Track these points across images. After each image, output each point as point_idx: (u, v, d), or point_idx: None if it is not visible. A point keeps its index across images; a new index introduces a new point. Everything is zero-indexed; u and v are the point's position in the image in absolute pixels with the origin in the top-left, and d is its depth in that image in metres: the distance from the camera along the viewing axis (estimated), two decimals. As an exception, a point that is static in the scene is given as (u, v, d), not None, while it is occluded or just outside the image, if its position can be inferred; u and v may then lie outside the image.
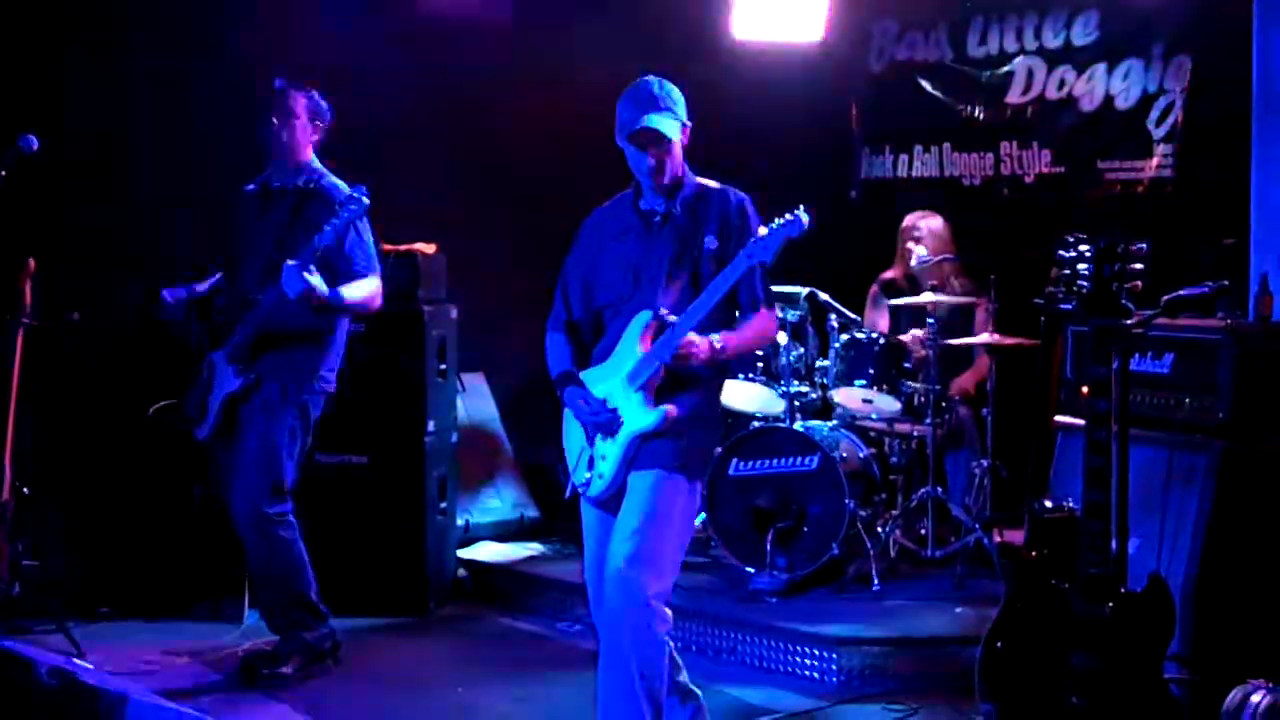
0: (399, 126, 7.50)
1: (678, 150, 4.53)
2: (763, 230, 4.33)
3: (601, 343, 4.64)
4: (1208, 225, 6.74)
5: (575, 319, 4.70)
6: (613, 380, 4.51)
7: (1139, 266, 4.10)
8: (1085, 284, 4.12)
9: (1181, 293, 4.65)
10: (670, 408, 4.42)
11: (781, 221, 4.31)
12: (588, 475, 4.56)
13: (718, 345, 4.41)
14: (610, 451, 4.49)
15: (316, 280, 5.25)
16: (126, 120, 6.92)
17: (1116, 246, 4.10)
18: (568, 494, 4.70)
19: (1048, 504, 4.43)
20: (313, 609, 5.70)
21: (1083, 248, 4.14)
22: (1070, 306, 4.18)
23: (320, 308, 5.39)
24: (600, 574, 4.49)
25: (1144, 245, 4.08)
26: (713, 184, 4.62)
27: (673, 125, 4.47)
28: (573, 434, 4.66)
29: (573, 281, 4.71)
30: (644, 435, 4.43)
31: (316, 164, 5.73)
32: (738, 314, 4.56)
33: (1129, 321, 4.11)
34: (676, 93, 4.53)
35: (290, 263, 5.22)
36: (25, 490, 5.99)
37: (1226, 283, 4.82)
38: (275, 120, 5.62)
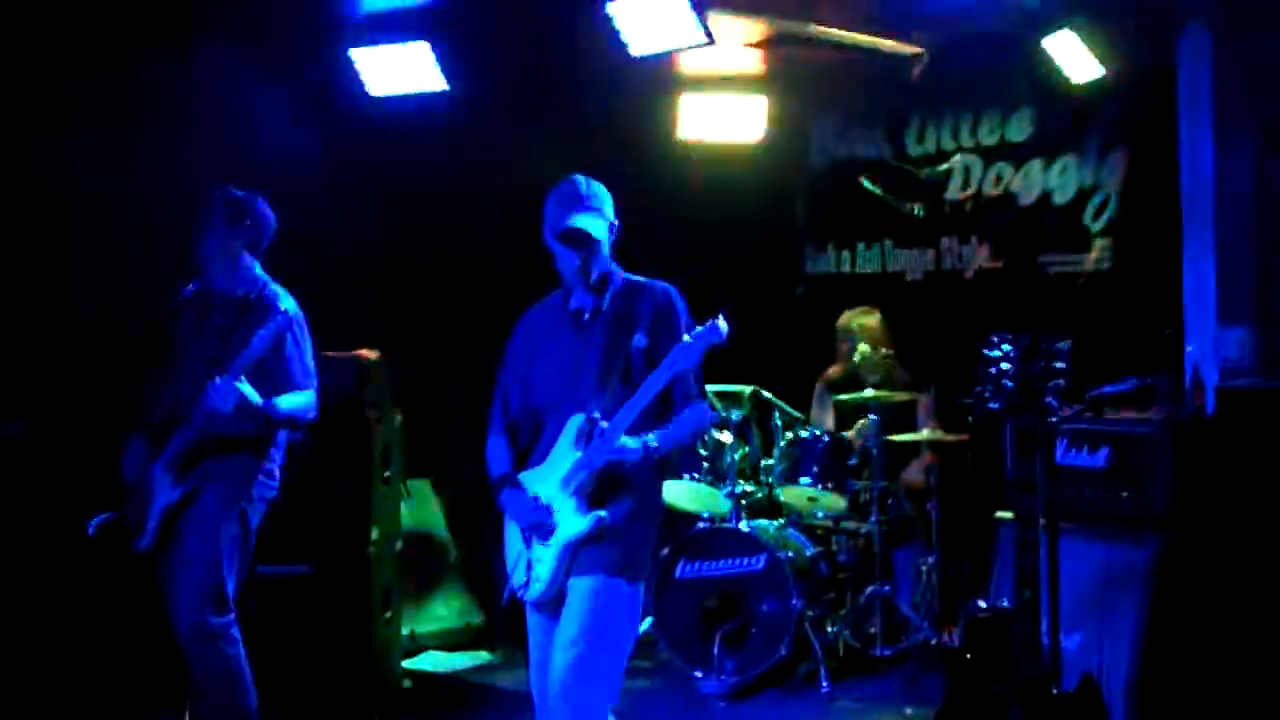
0: (342, 231, 7.50)
1: (605, 249, 4.54)
2: (686, 338, 4.35)
3: (539, 444, 4.62)
4: (1146, 316, 6.81)
5: (513, 420, 4.69)
6: (548, 483, 4.50)
7: (1061, 365, 4.12)
8: (1009, 383, 4.14)
9: (1105, 389, 4.68)
10: (602, 514, 4.40)
11: (701, 329, 4.33)
12: (525, 579, 4.54)
13: (652, 445, 4.40)
14: (546, 555, 4.47)
15: (248, 390, 5.22)
16: (66, 223, 6.91)
17: (1039, 345, 4.12)
18: (504, 598, 4.67)
19: (982, 604, 4.42)
20: None
21: (1006, 347, 4.17)
22: (997, 406, 4.20)
23: (256, 417, 5.36)
24: (545, 680, 4.45)
25: (1065, 344, 4.11)
26: (640, 279, 4.64)
27: (599, 225, 4.49)
28: (511, 537, 4.64)
29: (509, 383, 4.71)
30: (579, 541, 4.41)
31: (257, 272, 5.69)
32: (672, 408, 4.57)
33: (1052, 420, 4.12)
34: (604, 192, 4.55)
35: (217, 380, 5.19)
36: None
37: (1150, 379, 4.85)
38: (215, 228, 5.59)
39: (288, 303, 5.42)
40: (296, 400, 5.46)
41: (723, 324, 4.31)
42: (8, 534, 6.65)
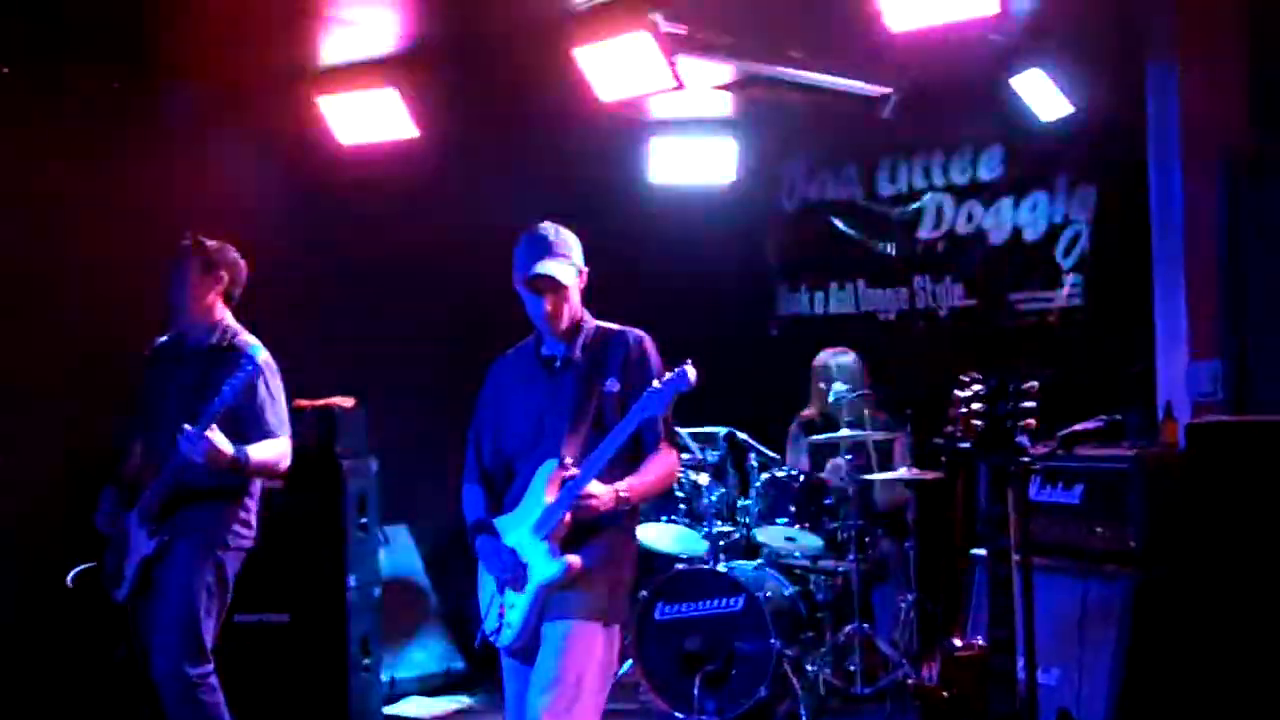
0: (313, 279, 7.51)
1: (574, 295, 4.56)
2: (656, 383, 4.37)
3: (511, 490, 4.63)
4: (1118, 352, 6.87)
5: (487, 468, 4.71)
6: (521, 529, 4.50)
7: (1031, 404, 4.14)
8: (980, 423, 4.17)
9: (1076, 428, 4.70)
10: (574, 559, 4.41)
11: (670, 376, 4.36)
12: (497, 624, 4.53)
13: (623, 493, 4.42)
14: (519, 601, 4.47)
15: (219, 440, 5.21)
16: (35, 270, 6.90)
17: (1009, 385, 4.15)
18: (477, 643, 4.67)
19: (957, 641, 4.42)
20: None
21: (976, 387, 4.19)
22: (968, 445, 4.21)
23: (229, 467, 5.34)
24: (521, 725, 4.45)
25: (1035, 383, 4.13)
26: (612, 326, 4.66)
27: (568, 271, 4.51)
28: (485, 582, 4.64)
29: (483, 431, 4.73)
30: (550, 586, 4.41)
31: (229, 321, 5.68)
32: (644, 454, 4.57)
33: (1024, 459, 4.14)
34: (573, 239, 4.58)
35: (187, 428, 5.18)
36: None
37: (1120, 416, 4.88)
38: (186, 279, 5.58)
39: (259, 351, 5.41)
40: (269, 449, 5.44)
41: (691, 371, 4.34)
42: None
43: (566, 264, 4.51)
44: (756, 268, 8.88)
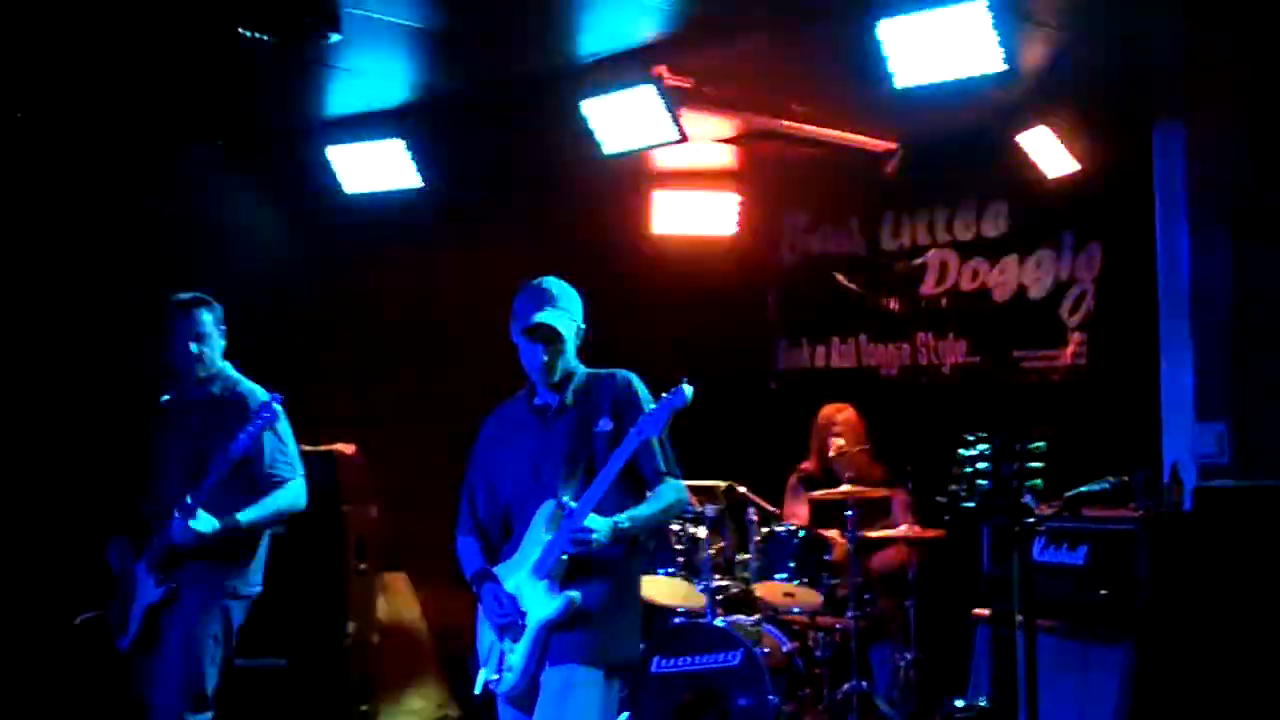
0: (317, 327, 7.53)
1: (570, 350, 4.58)
2: (650, 404, 4.40)
3: (510, 540, 4.61)
4: (1122, 412, 6.83)
5: (481, 519, 4.70)
6: (520, 572, 4.49)
7: (1037, 464, 4.13)
8: (985, 482, 4.14)
9: (1082, 489, 4.68)
10: (575, 594, 4.38)
11: (667, 395, 4.36)
12: (497, 673, 4.50)
13: (623, 525, 4.39)
14: (519, 645, 4.45)
15: (202, 524, 5.23)
16: (54, 321, 6.92)
17: (1014, 445, 4.13)
18: (477, 690, 4.63)
19: (959, 703, 4.39)
20: None
21: (981, 447, 4.17)
22: (972, 505, 4.19)
23: (225, 538, 5.35)
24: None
25: (1041, 443, 4.11)
26: (600, 370, 4.67)
27: (567, 324, 4.53)
28: (485, 630, 4.61)
29: (477, 485, 4.73)
30: (551, 625, 4.38)
31: (229, 370, 5.70)
32: (646, 487, 4.55)
33: (1029, 520, 4.12)
34: (575, 296, 4.60)
35: (178, 512, 5.20)
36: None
37: (1126, 477, 4.86)
38: (186, 336, 5.58)
39: (264, 397, 5.42)
40: (275, 502, 5.46)
41: (688, 388, 4.35)
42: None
43: (566, 317, 4.54)
44: (757, 321, 8.87)
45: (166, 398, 5.76)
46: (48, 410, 6.82)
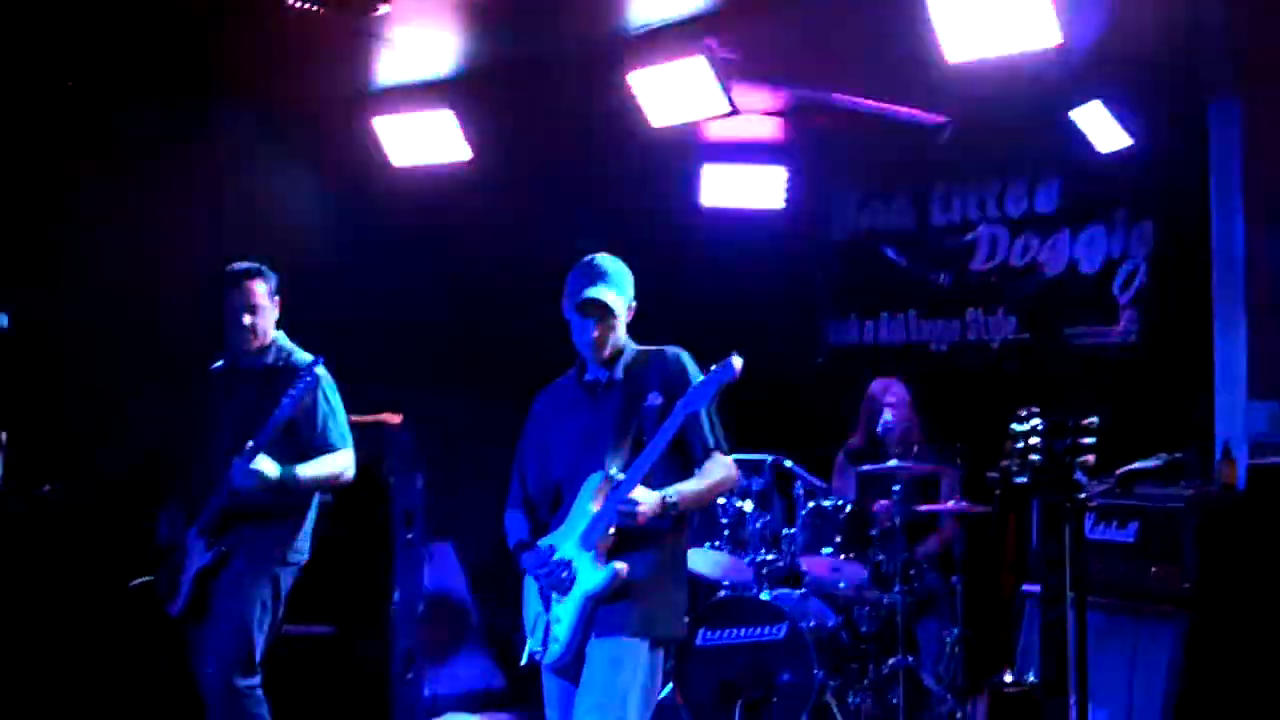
0: (365, 299, 7.55)
1: (620, 326, 4.60)
2: (699, 377, 4.40)
3: (558, 514, 4.63)
4: (1173, 390, 6.78)
5: (530, 495, 4.73)
6: (567, 543, 4.51)
7: (1090, 440, 4.09)
8: (1038, 458, 4.11)
9: (1134, 466, 4.65)
10: (621, 565, 4.39)
11: (715, 368, 4.37)
12: (542, 645, 4.53)
13: (671, 499, 4.40)
14: (565, 614, 4.46)
15: (265, 465, 5.26)
16: (103, 292, 6.96)
17: (1067, 421, 4.09)
18: (524, 661, 4.66)
19: (1007, 678, 4.37)
20: None
21: (1034, 422, 4.13)
22: (1024, 480, 4.16)
23: (279, 490, 5.39)
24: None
25: (1095, 419, 4.07)
26: (650, 347, 4.68)
27: (618, 300, 4.55)
28: (530, 601, 4.64)
29: (527, 462, 4.76)
30: (597, 596, 4.39)
31: (283, 340, 5.74)
32: (694, 463, 4.55)
33: (1081, 496, 4.09)
34: (627, 273, 4.62)
35: (236, 461, 5.23)
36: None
37: (1179, 454, 4.82)
38: (240, 306, 5.62)
39: (318, 365, 5.46)
40: (326, 465, 5.51)
41: (737, 361, 4.36)
42: (37, 596, 6.66)
43: (618, 293, 4.56)
44: (805, 295, 8.84)
45: (218, 365, 5.80)
46: (99, 378, 6.87)
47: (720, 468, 4.54)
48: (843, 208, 8.70)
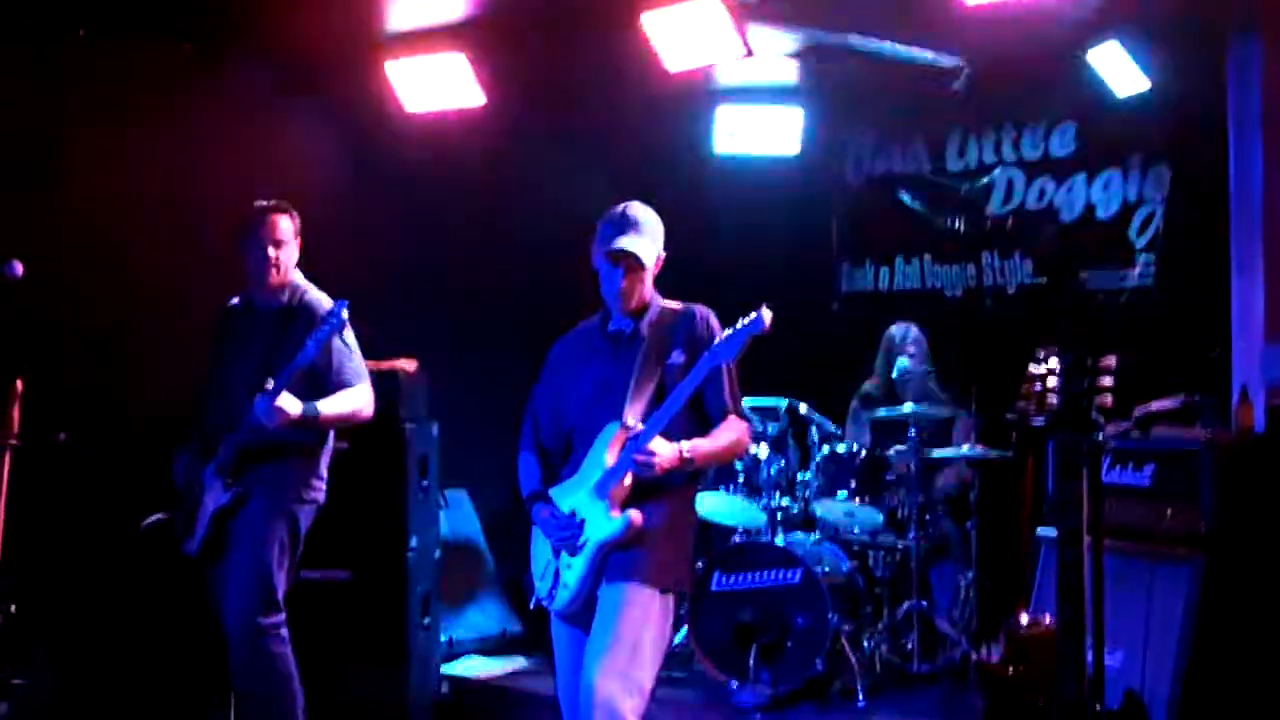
0: (378, 245, 7.53)
1: (648, 277, 4.58)
2: (726, 331, 4.37)
3: (570, 461, 4.64)
4: (1190, 334, 6.77)
5: (543, 439, 4.74)
6: (579, 493, 4.51)
7: (1108, 381, 4.08)
8: (1055, 399, 4.10)
9: (1152, 406, 4.64)
10: (635, 515, 4.40)
11: (744, 322, 4.35)
12: (550, 587, 4.55)
13: (686, 453, 4.39)
14: (576, 562, 4.48)
15: (289, 403, 5.28)
16: (116, 239, 6.95)
17: (1085, 361, 4.08)
18: (532, 605, 4.69)
19: (1023, 620, 4.37)
20: None
21: (1052, 362, 4.13)
22: (1041, 422, 4.16)
23: (302, 425, 5.41)
24: (573, 691, 4.45)
25: (1113, 360, 4.06)
26: (676, 304, 4.66)
27: (648, 249, 4.53)
28: (540, 546, 4.66)
29: (541, 407, 4.76)
30: (609, 544, 4.41)
31: (300, 281, 5.76)
32: (710, 423, 4.54)
33: (1099, 437, 4.08)
34: (658, 223, 4.59)
35: (261, 394, 5.25)
36: (12, 609, 5.95)
37: (1198, 396, 4.80)
38: (261, 243, 5.64)
39: (330, 303, 5.47)
40: (346, 400, 5.55)
41: (767, 314, 4.33)
42: (54, 538, 6.69)
43: (648, 244, 4.54)
44: (820, 241, 8.81)
45: (234, 303, 5.81)
46: (115, 320, 6.88)
47: (735, 430, 4.54)
48: (858, 152, 8.66)
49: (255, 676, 5.56)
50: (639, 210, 4.57)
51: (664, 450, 4.35)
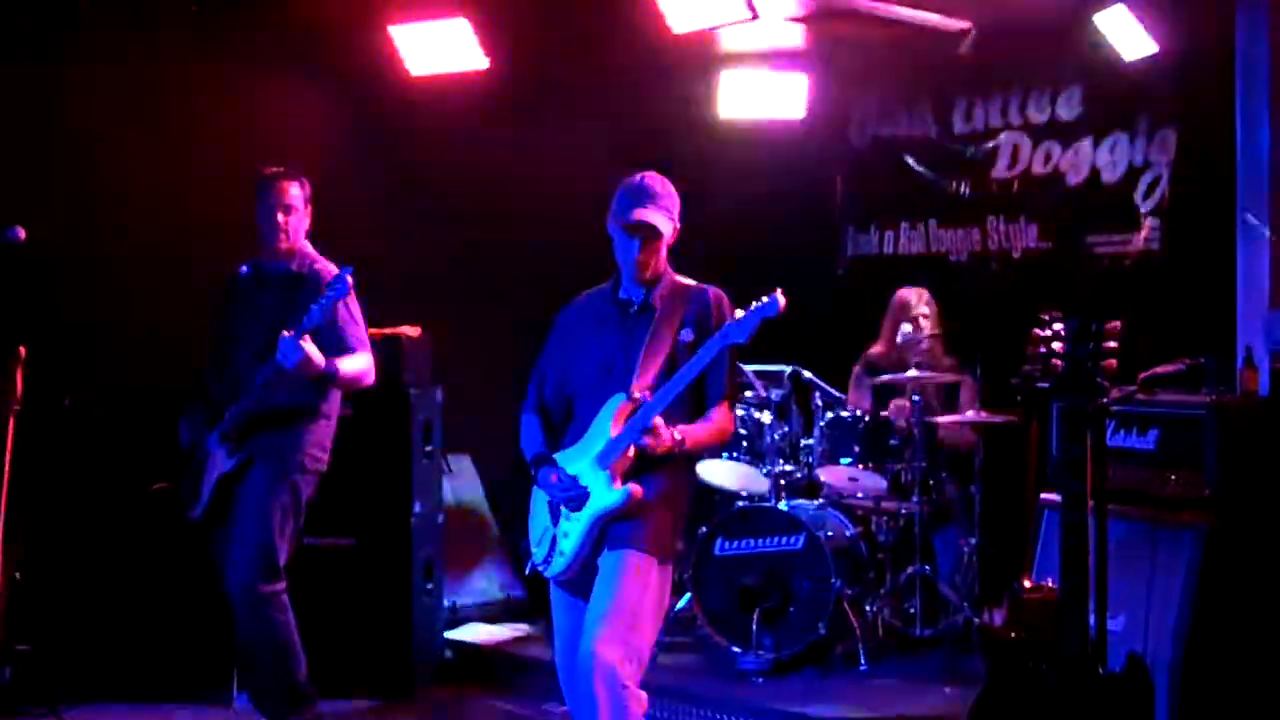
0: (382, 210, 7.53)
1: (664, 249, 4.59)
2: (740, 312, 4.38)
3: (572, 428, 4.65)
4: (1195, 298, 6.75)
5: (547, 402, 4.74)
6: (582, 461, 4.52)
7: (1113, 345, 4.07)
8: (1060, 363, 4.09)
9: (1157, 370, 4.62)
10: (636, 487, 4.42)
11: (757, 304, 4.36)
12: (547, 554, 4.57)
13: (678, 438, 4.42)
14: (573, 530, 4.50)
15: (313, 349, 5.29)
16: (117, 205, 6.95)
17: (1091, 325, 4.07)
18: (527, 571, 4.71)
19: (1026, 584, 4.38)
20: (300, 692, 5.64)
21: (1057, 326, 4.12)
22: (1046, 386, 4.15)
23: (318, 378, 5.42)
24: (571, 657, 4.48)
25: (1118, 324, 4.05)
26: (690, 281, 4.67)
27: (666, 222, 4.53)
28: (538, 513, 4.67)
29: (548, 371, 4.76)
30: (609, 515, 4.43)
31: (309, 248, 5.77)
32: (705, 406, 4.56)
33: (1104, 400, 4.07)
34: (675, 194, 4.59)
35: (286, 334, 5.24)
36: (17, 575, 5.97)
37: (1202, 359, 4.79)
38: (270, 209, 5.64)
39: (345, 274, 5.47)
40: (356, 362, 5.56)
41: (780, 297, 4.34)
42: (58, 504, 6.71)
43: (666, 217, 4.54)
44: (825, 205, 8.78)
45: (243, 270, 5.82)
46: (118, 285, 6.88)
47: (724, 420, 4.58)
48: (863, 116, 8.62)
49: (256, 642, 5.60)
50: (657, 181, 4.57)
51: (662, 432, 4.38)
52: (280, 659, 5.59)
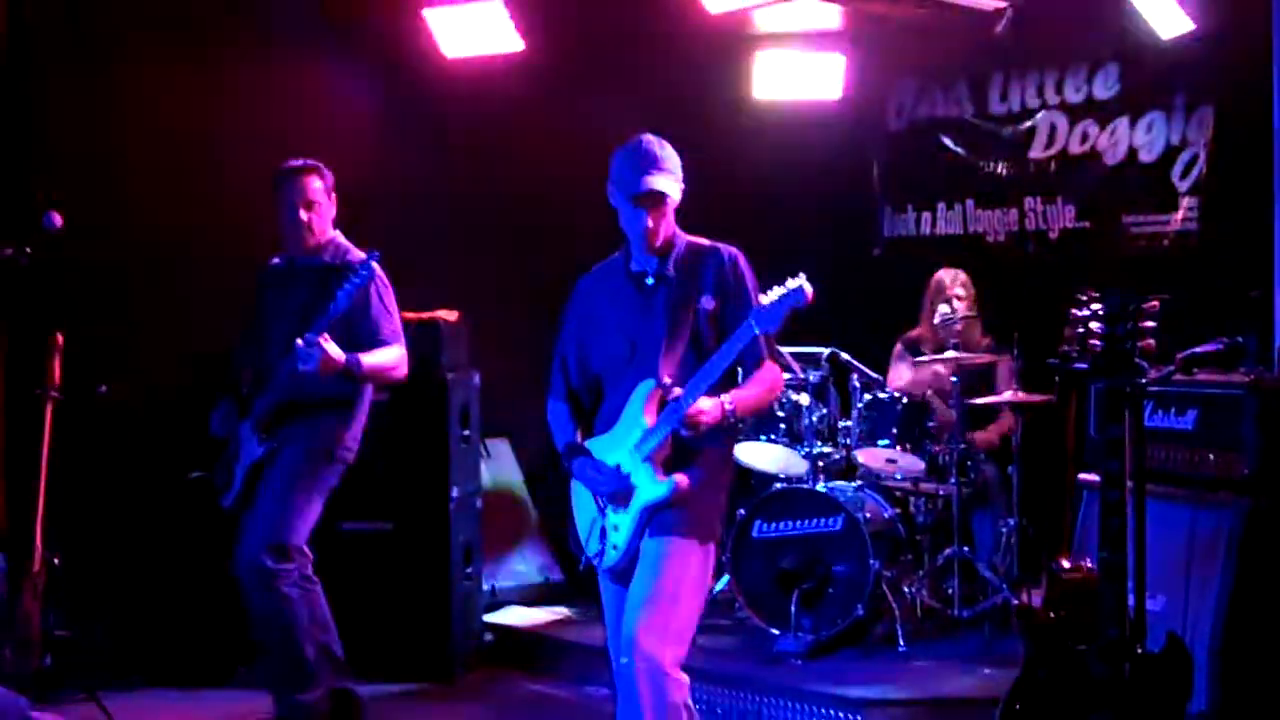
0: (421, 194, 7.55)
1: (671, 212, 4.49)
2: (765, 299, 4.28)
3: (602, 410, 4.60)
4: (1233, 278, 6.70)
5: (574, 385, 4.68)
6: (619, 451, 4.46)
7: (1151, 324, 4.06)
8: (1098, 343, 4.08)
9: (1196, 350, 4.60)
10: (681, 478, 4.37)
11: (784, 292, 4.25)
12: (599, 547, 4.53)
13: (728, 407, 4.35)
14: (623, 522, 4.45)
15: (332, 348, 5.28)
16: (154, 194, 6.99)
17: (1129, 305, 4.06)
18: (581, 567, 4.67)
19: (1065, 564, 4.37)
20: (306, 672, 5.61)
21: (1095, 306, 4.11)
22: (1084, 366, 4.14)
23: (342, 375, 5.42)
24: (620, 644, 4.45)
25: (1156, 303, 4.04)
26: (703, 241, 4.57)
27: (674, 187, 4.45)
28: (583, 505, 4.62)
29: (569, 351, 4.68)
30: (656, 507, 4.39)
31: (339, 238, 5.77)
32: (740, 371, 4.52)
33: (1142, 380, 4.06)
34: (674, 153, 4.49)
35: (300, 341, 5.26)
36: (56, 561, 6.02)
37: (1241, 339, 4.76)
38: (295, 203, 5.63)
39: (370, 260, 5.47)
40: (383, 356, 5.55)
41: (808, 287, 4.24)
42: (95, 490, 6.76)
43: (673, 180, 4.45)
44: (861, 187, 8.76)
45: (276, 262, 5.84)
46: (154, 272, 6.92)
47: (770, 375, 4.49)
48: (899, 97, 8.59)
49: (261, 618, 5.60)
50: (657, 145, 4.46)
51: (708, 406, 4.31)
52: (286, 637, 5.56)
